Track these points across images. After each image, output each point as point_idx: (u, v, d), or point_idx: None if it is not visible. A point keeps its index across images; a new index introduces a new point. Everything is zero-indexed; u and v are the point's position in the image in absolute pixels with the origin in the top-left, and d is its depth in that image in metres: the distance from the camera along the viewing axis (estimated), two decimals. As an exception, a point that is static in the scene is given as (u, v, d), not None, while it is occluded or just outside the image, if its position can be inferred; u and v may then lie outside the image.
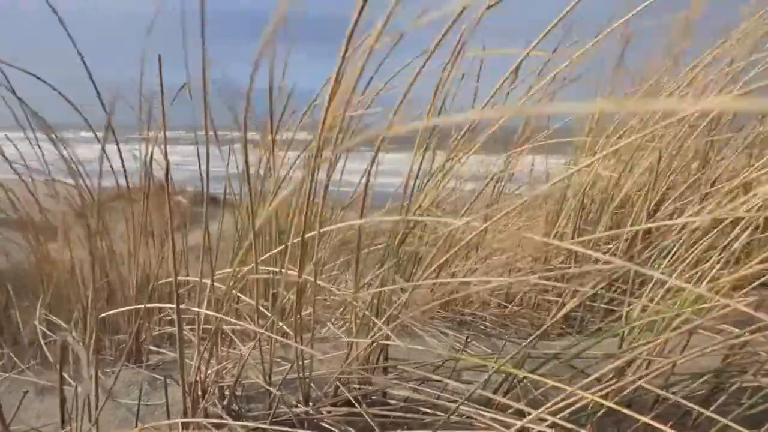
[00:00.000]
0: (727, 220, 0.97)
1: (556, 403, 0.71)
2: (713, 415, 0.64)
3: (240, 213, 1.34)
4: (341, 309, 1.38)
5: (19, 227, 1.71)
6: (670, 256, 1.07)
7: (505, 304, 1.60)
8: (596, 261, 1.59)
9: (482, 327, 1.52)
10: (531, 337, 0.93)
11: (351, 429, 0.90)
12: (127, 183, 1.44)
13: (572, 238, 1.55)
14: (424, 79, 0.84)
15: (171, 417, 1.04)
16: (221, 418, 0.93)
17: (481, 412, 0.75)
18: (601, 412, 0.81)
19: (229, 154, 1.35)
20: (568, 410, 0.72)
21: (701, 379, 0.88)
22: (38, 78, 1.23)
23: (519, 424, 0.66)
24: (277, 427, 0.89)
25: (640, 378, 0.71)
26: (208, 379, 0.99)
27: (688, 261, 0.99)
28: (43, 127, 1.38)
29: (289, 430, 0.82)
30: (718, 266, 0.90)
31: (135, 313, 1.40)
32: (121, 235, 1.52)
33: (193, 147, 1.02)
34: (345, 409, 0.91)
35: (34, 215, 1.68)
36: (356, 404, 0.88)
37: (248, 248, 0.82)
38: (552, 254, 1.66)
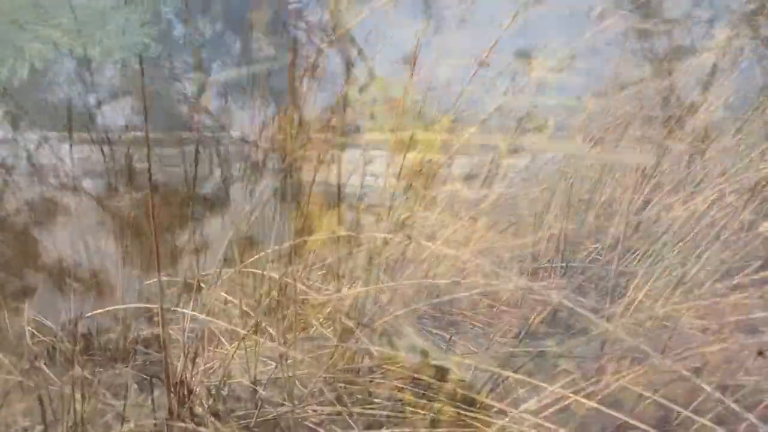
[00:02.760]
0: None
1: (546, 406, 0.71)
2: (692, 415, 0.64)
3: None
4: (328, 309, 1.37)
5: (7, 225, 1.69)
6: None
7: (493, 304, 1.60)
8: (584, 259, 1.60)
9: (470, 326, 1.52)
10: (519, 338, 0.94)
11: (336, 428, 0.90)
12: (118, 183, 1.44)
13: (559, 237, 1.55)
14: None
15: (157, 417, 1.04)
16: (205, 418, 0.93)
17: (463, 411, 0.75)
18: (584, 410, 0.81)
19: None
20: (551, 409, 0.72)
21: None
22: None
23: (500, 423, 0.67)
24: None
25: (621, 378, 0.71)
26: (194, 379, 0.99)
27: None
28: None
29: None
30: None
31: (123, 313, 1.40)
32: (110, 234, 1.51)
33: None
34: (329, 408, 0.91)
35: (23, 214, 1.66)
36: (341, 404, 0.88)
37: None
38: (540, 253, 1.66)
